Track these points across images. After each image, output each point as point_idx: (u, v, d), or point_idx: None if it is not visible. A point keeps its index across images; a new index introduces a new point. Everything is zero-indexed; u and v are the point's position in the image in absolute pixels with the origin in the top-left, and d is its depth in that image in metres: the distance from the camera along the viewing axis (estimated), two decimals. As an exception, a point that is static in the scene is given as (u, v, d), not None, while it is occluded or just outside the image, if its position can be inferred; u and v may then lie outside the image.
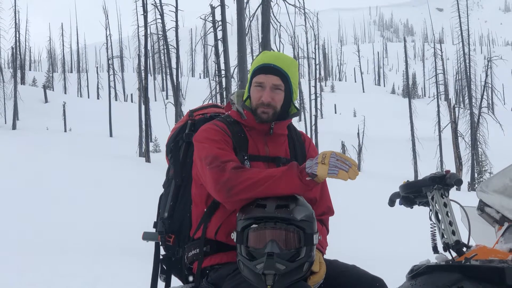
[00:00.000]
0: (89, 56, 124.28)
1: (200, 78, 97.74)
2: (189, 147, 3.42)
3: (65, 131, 46.56)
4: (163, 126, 24.54)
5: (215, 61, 24.02)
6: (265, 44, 16.60)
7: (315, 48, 54.87)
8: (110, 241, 11.21)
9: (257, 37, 52.24)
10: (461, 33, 45.35)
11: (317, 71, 54.11)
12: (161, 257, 3.49)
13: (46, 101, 58.49)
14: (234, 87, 21.37)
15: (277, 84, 3.19)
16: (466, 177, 37.23)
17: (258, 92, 3.20)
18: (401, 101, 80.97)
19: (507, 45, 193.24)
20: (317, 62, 54.68)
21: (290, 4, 18.12)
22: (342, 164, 2.72)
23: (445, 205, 3.18)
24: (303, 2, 21.04)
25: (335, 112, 78.49)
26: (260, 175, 2.83)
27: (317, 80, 52.00)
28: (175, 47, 31.46)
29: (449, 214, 3.17)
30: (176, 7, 30.28)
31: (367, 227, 14.03)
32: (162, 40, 34.97)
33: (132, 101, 72.88)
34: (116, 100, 63.70)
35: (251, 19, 19.12)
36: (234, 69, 18.98)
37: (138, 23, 43.40)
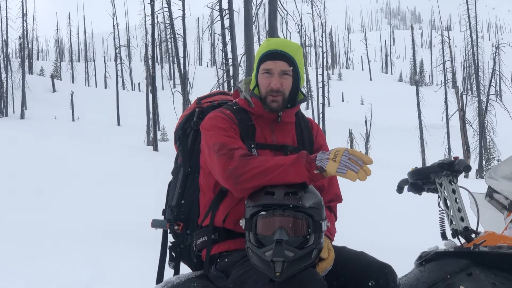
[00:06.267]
0: (96, 45, 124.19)
1: (207, 66, 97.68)
2: (197, 135, 3.41)
3: (73, 120, 46.75)
4: (171, 115, 24.58)
5: (222, 50, 24.01)
6: (272, 32, 16.56)
7: (322, 36, 54.89)
8: (119, 229, 11.24)
9: (264, 25, 52.20)
10: (469, 20, 45.17)
11: (324, 59, 54.02)
12: (170, 244, 3.50)
13: (54, 90, 58.69)
14: (241, 76, 21.34)
15: (285, 70, 3.17)
16: (474, 165, 37.13)
17: (266, 79, 3.18)
18: (409, 89, 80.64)
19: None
20: (324, 50, 54.70)
21: (297, -8, 18.09)
22: (354, 164, 2.69)
23: (453, 191, 3.19)
24: (310, -10, 20.96)
25: (343, 100, 78.33)
26: (269, 164, 2.82)
27: (324, 68, 51.90)
28: (182, 35, 31.43)
29: (457, 200, 3.18)
30: (183, -4, 30.25)
31: (375, 214, 14.03)
32: (169, 29, 34.95)
33: (139, 90, 73.01)
34: (123, 89, 63.72)
35: (258, 7, 19.07)
36: (241, 57, 18.97)
37: (145, 12, 43.48)
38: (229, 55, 22.33)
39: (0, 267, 7.46)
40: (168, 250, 3.50)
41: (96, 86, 76.70)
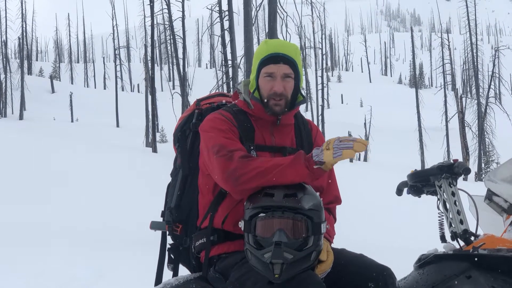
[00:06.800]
0: (95, 46, 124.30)
1: (206, 68, 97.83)
2: (196, 137, 3.41)
3: (72, 121, 46.71)
4: (170, 116, 24.56)
5: (222, 51, 23.95)
6: (271, 34, 16.55)
7: (321, 38, 54.77)
8: (118, 230, 11.24)
9: (263, 27, 52.09)
10: (469, 22, 45.18)
11: (324, 61, 53.95)
12: (169, 246, 3.49)
13: (53, 91, 58.65)
14: (241, 77, 21.31)
15: (288, 73, 3.17)
16: (473, 167, 37.09)
17: (268, 82, 3.17)
18: (408, 91, 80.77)
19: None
20: (323, 52, 54.52)
21: (297, -7, 18.10)
22: (346, 142, 2.72)
23: (453, 194, 3.19)
24: (310, -8, 20.98)
25: (342, 102, 78.45)
26: (268, 164, 2.83)
27: (324, 70, 51.86)
28: (182, 37, 31.38)
29: (457, 203, 3.18)
30: (183, -3, 30.23)
31: (374, 216, 14.04)
32: (168, 30, 34.90)
33: (138, 91, 72.97)
34: (122, 90, 63.80)
35: (258, 9, 19.05)
36: (241, 59, 18.94)
37: (144, 13, 43.40)
38: (229, 56, 22.27)
39: (0, 267, 7.46)
40: (167, 252, 3.49)
41: (95, 87, 76.75)
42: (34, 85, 54.68)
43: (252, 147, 3.13)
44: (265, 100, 3.19)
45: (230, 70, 21.77)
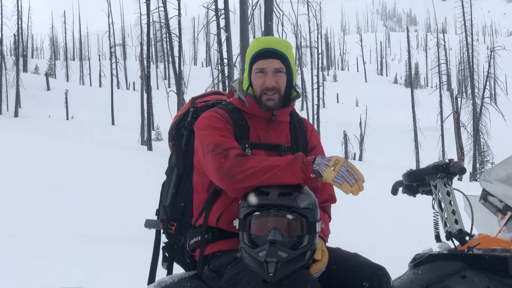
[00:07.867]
0: (91, 44, 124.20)
1: (202, 66, 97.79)
2: (191, 135, 3.40)
3: (67, 118, 46.68)
4: (165, 115, 24.57)
5: (218, 50, 23.95)
6: (267, 33, 16.53)
7: (317, 37, 54.82)
8: (112, 228, 11.22)
9: (259, 25, 52.13)
10: (464, 23, 45.23)
11: (320, 60, 53.98)
12: (163, 245, 3.49)
13: (48, 88, 58.64)
14: (236, 76, 21.30)
15: (279, 67, 3.17)
16: (468, 167, 37.12)
17: (260, 78, 3.18)
18: (404, 91, 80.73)
19: (510, 35, 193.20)
20: (319, 51, 54.57)
21: (293, -8, 18.08)
22: (350, 177, 2.70)
23: (448, 194, 3.19)
24: (306, -9, 20.99)
25: (338, 102, 78.36)
26: (264, 164, 2.82)
27: (320, 69, 51.87)
28: (178, 35, 31.37)
29: (452, 203, 3.18)
30: (179, -5, 30.20)
31: (369, 215, 14.02)
32: (164, 28, 34.83)
33: (134, 89, 72.88)
34: (118, 88, 63.59)
35: (254, 7, 19.03)
36: (237, 57, 18.95)
37: (140, 11, 43.54)
38: (224, 55, 22.23)
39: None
40: (161, 251, 3.48)
41: (90, 85, 76.62)
42: (30, 82, 54.65)
43: (247, 145, 3.12)
44: (258, 96, 3.19)
45: (226, 68, 21.76)
